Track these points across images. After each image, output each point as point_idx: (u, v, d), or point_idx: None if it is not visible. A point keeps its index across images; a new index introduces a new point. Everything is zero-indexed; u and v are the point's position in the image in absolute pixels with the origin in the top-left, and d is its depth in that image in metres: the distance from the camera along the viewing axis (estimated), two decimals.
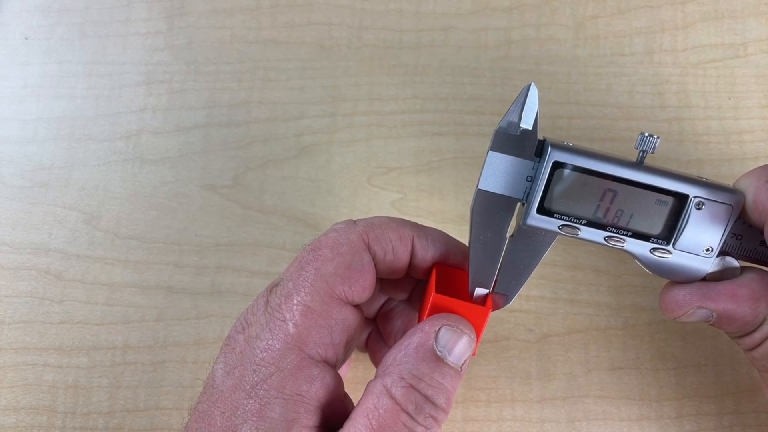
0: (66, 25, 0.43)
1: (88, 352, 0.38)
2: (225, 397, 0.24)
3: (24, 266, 0.39)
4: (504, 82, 0.42)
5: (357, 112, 0.41)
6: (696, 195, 0.26)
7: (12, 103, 0.42)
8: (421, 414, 0.23)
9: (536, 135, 0.26)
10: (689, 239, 0.27)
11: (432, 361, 0.24)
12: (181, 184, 0.40)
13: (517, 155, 0.26)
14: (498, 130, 0.26)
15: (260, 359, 0.24)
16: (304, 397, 0.24)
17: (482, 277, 0.27)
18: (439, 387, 0.24)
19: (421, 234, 0.28)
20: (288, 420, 0.23)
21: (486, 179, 0.26)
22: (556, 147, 0.26)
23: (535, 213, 0.26)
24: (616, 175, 0.26)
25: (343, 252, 0.26)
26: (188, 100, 0.42)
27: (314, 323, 0.25)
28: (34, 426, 0.36)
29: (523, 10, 0.43)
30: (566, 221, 0.26)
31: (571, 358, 0.37)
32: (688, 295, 0.27)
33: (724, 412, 0.36)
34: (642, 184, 0.26)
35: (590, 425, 0.36)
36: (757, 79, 0.41)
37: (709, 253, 0.27)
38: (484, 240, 0.27)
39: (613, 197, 0.26)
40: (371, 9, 0.43)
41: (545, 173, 0.26)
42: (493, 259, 0.27)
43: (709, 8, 0.42)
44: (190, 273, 0.39)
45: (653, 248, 0.27)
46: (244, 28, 0.43)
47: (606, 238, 0.27)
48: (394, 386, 0.23)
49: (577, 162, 0.26)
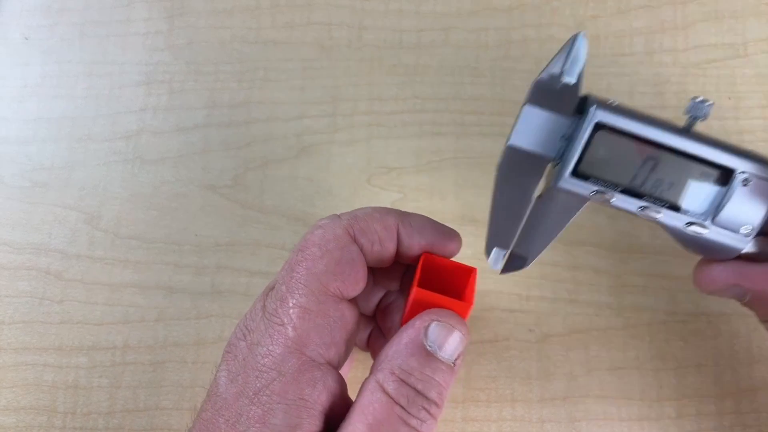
0: (66, 25, 0.43)
1: (88, 352, 0.38)
2: (229, 404, 0.24)
3: (24, 266, 0.39)
4: (504, 82, 0.42)
5: (357, 112, 0.41)
6: (744, 170, 0.24)
7: (12, 103, 0.42)
8: (414, 407, 0.23)
9: (579, 90, 0.24)
10: (729, 216, 0.25)
11: (422, 356, 0.24)
12: (181, 184, 0.40)
13: (555, 111, 0.24)
14: (537, 82, 0.24)
15: (262, 365, 0.24)
16: (306, 401, 0.23)
17: (502, 237, 0.26)
18: (430, 381, 0.24)
19: (405, 221, 0.27)
20: (291, 425, 0.23)
21: (518, 134, 0.24)
22: (600, 106, 0.23)
23: (568, 176, 0.24)
24: (662, 142, 0.24)
25: (331, 248, 0.26)
26: (188, 100, 0.42)
27: (313, 324, 0.25)
28: (34, 426, 0.36)
29: (523, 10, 0.43)
30: (601, 187, 0.25)
31: (572, 358, 0.37)
32: (725, 272, 0.26)
33: (725, 413, 0.36)
34: (688, 154, 0.24)
35: (590, 425, 0.36)
36: (757, 79, 0.41)
37: (747, 232, 0.25)
38: (509, 199, 0.25)
39: (654, 165, 0.24)
40: (371, 9, 0.43)
41: (585, 133, 0.24)
42: (516, 220, 0.25)
43: (709, 8, 0.42)
44: (190, 273, 0.39)
45: (689, 222, 0.25)
46: (244, 28, 0.43)
47: (641, 207, 0.25)
48: (386, 381, 0.24)
49: (622, 124, 0.24)
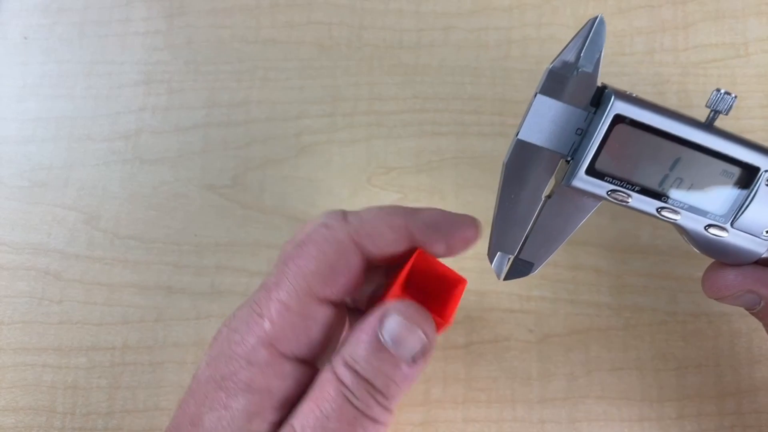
0: (65, 24, 0.43)
1: (87, 352, 0.37)
2: (200, 387, 0.24)
3: (23, 266, 0.39)
4: (504, 82, 0.41)
5: (357, 112, 0.41)
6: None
7: (11, 103, 0.42)
8: (363, 396, 0.23)
9: (596, 80, 0.22)
10: (751, 218, 0.23)
11: (372, 345, 0.23)
12: (180, 184, 0.40)
13: (569, 102, 0.22)
14: (551, 70, 0.22)
15: (233, 352, 0.24)
16: (272, 392, 0.24)
17: (507, 240, 0.24)
18: (377, 371, 0.23)
19: (415, 218, 0.26)
20: (250, 413, 0.23)
21: (528, 128, 0.23)
22: (620, 97, 0.22)
23: (583, 173, 0.23)
24: (684, 137, 0.22)
25: (328, 251, 0.25)
26: (187, 100, 0.42)
27: (290, 322, 0.24)
28: (33, 426, 0.36)
29: (523, 9, 0.43)
30: (617, 186, 0.23)
31: (572, 359, 0.37)
32: (740, 277, 0.25)
33: (726, 413, 0.36)
34: (711, 150, 0.22)
35: (591, 426, 0.36)
36: (758, 79, 0.41)
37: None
38: (516, 199, 0.24)
39: (675, 163, 0.23)
40: (371, 9, 0.43)
41: (603, 127, 0.22)
42: (523, 222, 0.24)
43: (710, 8, 0.42)
44: (190, 273, 0.39)
45: (708, 225, 0.24)
46: (244, 27, 0.43)
47: (659, 209, 0.23)
48: (337, 367, 0.23)
49: (644, 118, 0.22)
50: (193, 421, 0.24)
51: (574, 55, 0.22)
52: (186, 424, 0.24)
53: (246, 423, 0.23)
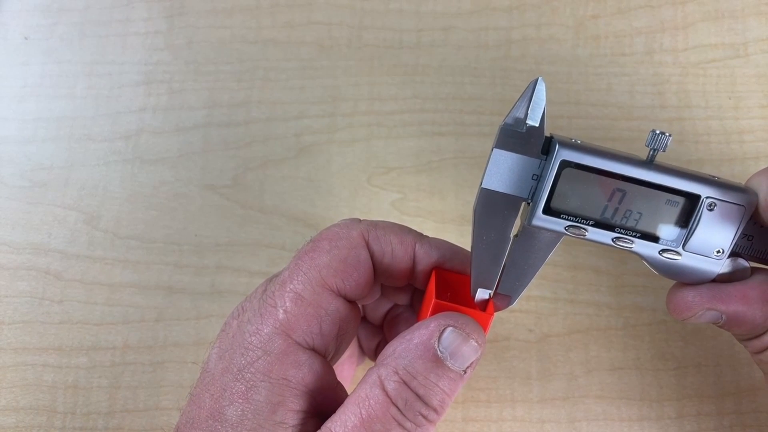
0: (66, 24, 0.43)
1: (87, 352, 0.38)
2: (215, 380, 0.24)
3: (24, 266, 0.39)
4: (504, 82, 0.41)
5: (357, 112, 0.41)
6: (708, 195, 0.25)
7: (12, 103, 0.42)
8: (411, 411, 0.23)
9: (543, 132, 0.25)
10: (700, 241, 0.26)
11: (430, 360, 0.23)
12: (180, 184, 0.40)
13: (522, 153, 0.25)
14: (503, 127, 0.25)
15: (248, 343, 0.24)
16: (290, 381, 0.24)
17: (485, 278, 0.27)
18: (433, 388, 0.23)
19: (423, 241, 0.28)
20: (273, 403, 0.23)
21: (490, 177, 0.25)
22: (564, 145, 0.25)
23: (541, 213, 0.25)
24: (626, 174, 0.25)
25: (340, 246, 0.26)
26: (188, 100, 0.42)
27: (303, 311, 0.25)
28: (34, 426, 0.36)
29: (523, 9, 0.43)
30: (573, 222, 0.26)
31: (572, 359, 0.37)
32: (698, 297, 0.27)
33: (725, 413, 0.36)
34: (652, 183, 0.25)
35: (590, 425, 0.36)
36: (757, 79, 0.41)
37: (719, 255, 0.26)
38: (488, 240, 0.26)
39: (622, 197, 0.25)
40: (371, 9, 0.43)
41: (552, 172, 0.25)
42: (496, 260, 0.26)
43: (709, 8, 0.42)
44: (190, 273, 0.39)
45: (662, 250, 0.26)
46: (244, 27, 0.43)
47: (614, 239, 0.26)
48: (387, 379, 0.23)
49: (586, 161, 0.25)
50: (213, 416, 0.23)
51: (523, 113, 0.25)
52: (203, 418, 0.24)
53: (271, 414, 0.23)
